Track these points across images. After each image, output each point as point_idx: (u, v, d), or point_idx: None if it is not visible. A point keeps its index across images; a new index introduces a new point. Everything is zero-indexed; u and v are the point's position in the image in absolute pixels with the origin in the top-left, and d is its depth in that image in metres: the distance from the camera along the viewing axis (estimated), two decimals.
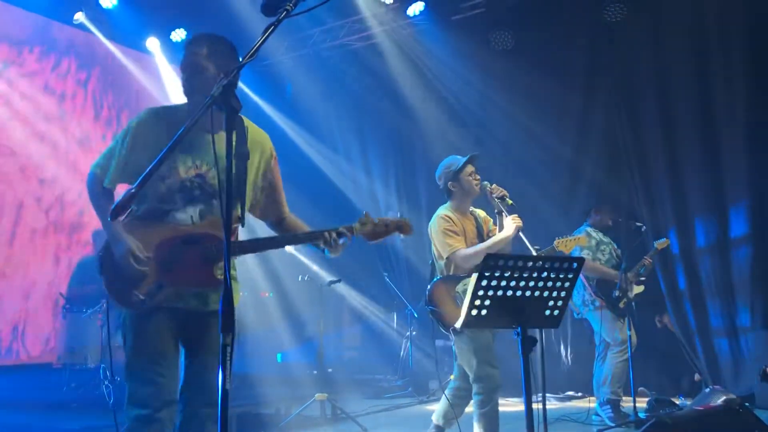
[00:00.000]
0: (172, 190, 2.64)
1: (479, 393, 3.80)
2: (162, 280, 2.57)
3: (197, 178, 2.67)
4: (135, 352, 2.61)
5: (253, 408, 5.92)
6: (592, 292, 5.77)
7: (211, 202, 2.67)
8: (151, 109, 2.79)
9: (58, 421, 5.02)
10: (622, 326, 5.65)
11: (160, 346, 2.60)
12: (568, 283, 2.61)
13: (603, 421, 5.59)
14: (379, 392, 7.87)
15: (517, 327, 2.62)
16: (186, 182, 2.65)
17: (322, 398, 5.87)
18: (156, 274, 2.58)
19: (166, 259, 2.59)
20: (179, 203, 2.64)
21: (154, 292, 2.57)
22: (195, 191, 2.66)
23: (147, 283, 2.57)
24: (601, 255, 5.87)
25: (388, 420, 6.31)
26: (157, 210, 2.64)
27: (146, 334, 2.60)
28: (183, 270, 2.58)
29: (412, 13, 8.32)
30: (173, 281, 2.58)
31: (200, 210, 2.66)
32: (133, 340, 2.62)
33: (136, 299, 2.56)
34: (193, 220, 2.64)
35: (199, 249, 2.58)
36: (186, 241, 2.60)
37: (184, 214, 2.64)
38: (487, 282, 2.49)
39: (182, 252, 2.59)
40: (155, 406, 2.54)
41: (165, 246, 2.60)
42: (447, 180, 4.15)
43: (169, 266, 2.58)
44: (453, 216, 4.03)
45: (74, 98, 7.98)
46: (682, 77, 7.00)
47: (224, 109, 1.96)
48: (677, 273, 6.97)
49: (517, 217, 3.89)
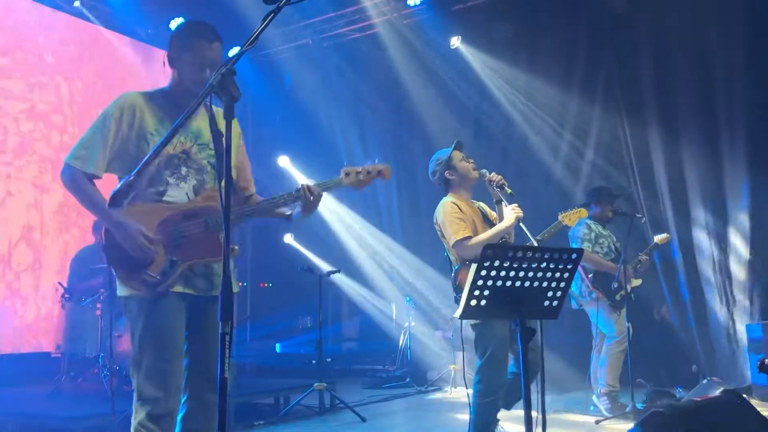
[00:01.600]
0: (159, 168, 2.64)
1: (479, 383, 3.80)
2: (173, 257, 2.58)
3: (182, 153, 2.69)
4: (145, 340, 2.58)
5: (252, 398, 5.94)
6: (589, 284, 5.77)
7: (202, 177, 2.70)
8: (128, 93, 2.75)
9: (56, 410, 5.03)
10: (618, 318, 5.65)
11: (170, 334, 2.59)
12: (567, 273, 2.60)
13: (600, 412, 5.61)
14: (377, 382, 7.89)
15: (516, 318, 2.62)
16: (174, 158, 2.66)
17: (320, 388, 5.88)
18: (165, 252, 2.58)
19: (171, 236, 2.60)
20: (171, 181, 2.65)
21: (168, 270, 2.57)
22: (182, 167, 2.68)
23: (159, 263, 2.57)
24: (600, 248, 5.87)
25: (386, 410, 6.33)
26: (150, 194, 2.64)
27: (157, 321, 2.58)
28: (191, 243, 2.60)
29: (412, 2, 8.30)
30: (184, 255, 2.59)
31: (194, 186, 2.68)
32: (143, 328, 2.58)
33: (152, 280, 2.55)
34: (188, 197, 2.67)
35: (201, 221, 2.61)
36: (186, 216, 2.62)
37: (179, 192, 2.66)
38: (486, 272, 2.48)
39: (186, 227, 2.61)
40: (166, 399, 2.53)
41: (167, 224, 2.60)
42: (442, 171, 4.11)
43: (177, 242, 2.59)
44: (458, 203, 4.00)
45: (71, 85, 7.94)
46: (683, 67, 6.99)
47: (223, 98, 1.95)
48: (676, 265, 6.99)
49: (517, 207, 3.85)
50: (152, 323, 2.58)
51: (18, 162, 7.27)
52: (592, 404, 5.78)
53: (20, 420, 4.86)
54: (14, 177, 7.19)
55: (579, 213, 4.39)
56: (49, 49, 7.71)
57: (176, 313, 2.61)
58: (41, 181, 7.40)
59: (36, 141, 7.44)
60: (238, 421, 5.28)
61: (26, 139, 7.36)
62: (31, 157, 7.36)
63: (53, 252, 7.44)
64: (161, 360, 2.56)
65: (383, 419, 5.80)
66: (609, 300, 5.67)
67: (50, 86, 7.68)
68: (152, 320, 2.58)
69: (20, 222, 7.20)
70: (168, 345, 2.58)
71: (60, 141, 7.64)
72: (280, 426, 5.45)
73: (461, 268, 3.88)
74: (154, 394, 2.53)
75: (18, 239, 7.15)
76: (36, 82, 7.54)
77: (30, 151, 7.37)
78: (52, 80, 7.71)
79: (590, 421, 5.37)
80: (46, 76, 7.64)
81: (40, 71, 7.58)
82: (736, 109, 6.63)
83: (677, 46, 7.04)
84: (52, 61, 7.73)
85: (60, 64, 7.81)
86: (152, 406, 2.52)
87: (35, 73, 7.54)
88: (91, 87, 8.07)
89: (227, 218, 1.91)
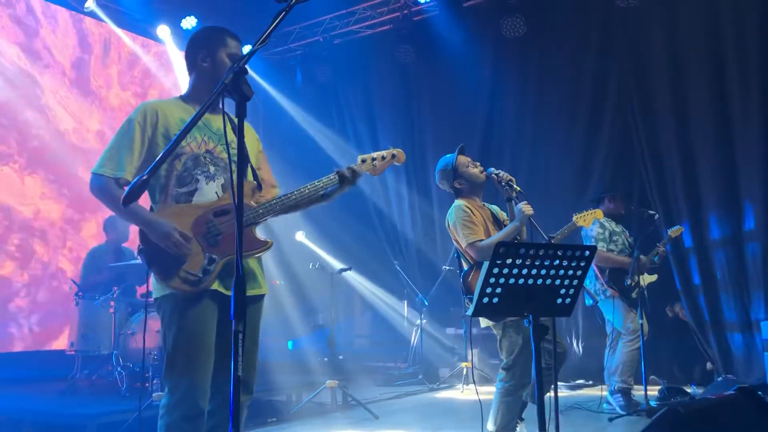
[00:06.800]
0: (188, 167, 2.68)
1: (507, 381, 3.80)
2: (211, 254, 2.60)
3: (207, 153, 2.73)
4: (180, 340, 2.58)
5: (264, 395, 5.95)
6: (604, 282, 5.74)
7: (228, 176, 2.72)
8: (149, 102, 2.83)
9: (70, 407, 5.07)
10: (633, 316, 5.62)
11: (203, 334, 2.59)
12: (580, 271, 2.59)
13: (614, 409, 5.59)
14: (389, 379, 7.89)
15: (529, 315, 2.61)
16: (201, 157, 2.71)
17: (333, 385, 5.89)
18: (203, 250, 2.60)
19: (206, 233, 2.62)
20: (200, 181, 2.68)
21: (208, 267, 2.59)
22: (210, 166, 2.72)
23: (197, 261, 2.58)
24: (614, 246, 5.84)
25: (398, 407, 6.33)
26: (181, 195, 2.67)
27: (192, 321, 2.58)
28: (227, 240, 2.62)
29: None
30: (222, 251, 2.61)
31: (222, 184, 2.73)
32: (178, 328, 2.58)
33: (193, 278, 2.57)
34: (218, 195, 2.71)
35: (232, 217, 2.59)
36: (217, 213, 2.65)
37: (208, 190, 2.70)
38: (498, 270, 2.47)
39: (219, 223, 2.63)
40: (199, 399, 2.54)
41: (200, 223, 2.63)
42: (451, 180, 4.09)
43: (213, 239, 2.62)
44: (470, 207, 3.99)
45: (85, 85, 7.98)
46: (696, 64, 6.93)
47: (235, 96, 1.95)
48: (690, 263, 6.93)
49: (527, 205, 3.83)
50: (187, 323, 2.58)
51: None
52: (606, 401, 5.75)
53: (35, 417, 4.91)
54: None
55: (594, 214, 4.36)
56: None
57: (209, 313, 2.62)
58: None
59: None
60: (250, 418, 5.28)
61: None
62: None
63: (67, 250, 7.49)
64: (195, 360, 2.56)
65: (396, 416, 5.80)
66: (624, 298, 5.65)
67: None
68: (187, 320, 2.59)
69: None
70: (202, 345, 2.59)
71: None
72: (293, 423, 5.46)
73: (471, 271, 3.88)
74: (187, 395, 2.53)
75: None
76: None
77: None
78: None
79: (604, 418, 5.35)
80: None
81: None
82: (750, 104, 6.55)
83: (690, 40, 6.97)
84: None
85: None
86: (187, 406, 2.53)
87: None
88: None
89: (240, 218, 1.91)
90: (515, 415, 3.88)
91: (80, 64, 7.92)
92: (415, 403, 6.63)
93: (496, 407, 3.84)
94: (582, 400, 6.08)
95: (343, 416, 5.77)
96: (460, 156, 4.10)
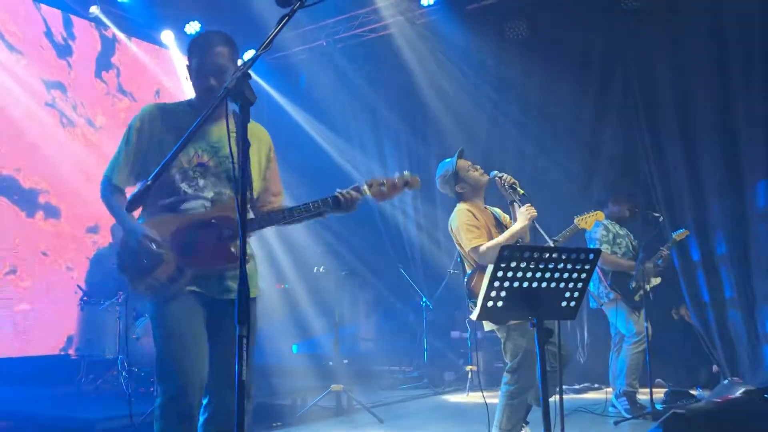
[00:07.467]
0: (176, 181, 2.68)
1: (512, 384, 3.80)
2: (182, 264, 2.61)
3: (199, 167, 2.71)
4: (161, 339, 2.63)
5: (269, 399, 5.95)
6: (607, 285, 5.73)
7: (219, 190, 2.71)
8: (150, 105, 2.83)
9: (76, 412, 5.08)
10: (637, 318, 5.61)
11: (185, 333, 2.61)
12: (585, 274, 2.59)
13: (619, 412, 5.57)
14: (394, 383, 7.89)
15: (534, 318, 2.61)
16: (189, 171, 2.69)
17: (337, 389, 5.89)
18: (176, 259, 2.62)
19: (183, 244, 2.63)
20: (189, 193, 2.68)
21: (176, 276, 2.61)
22: (199, 180, 2.70)
23: (168, 268, 2.60)
24: (618, 249, 5.83)
25: (403, 411, 6.32)
26: (168, 206, 2.69)
27: (171, 320, 2.62)
28: (202, 251, 2.63)
29: (426, 2, 8.28)
30: (193, 263, 2.62)
31: (211, 198, 2.70)
32: (158, 326, 2.64)
33: (159, 284, 2.60)
34: (205, 207, 2.70)
35: (215, 230, 2.63)
36: (200, 225, 2.65)
37: (195, 203, 2.69)
38: (503, 273, 2.47)
39: (198, 235, 2.64)
40: (184, 396, 2.55)
41: (181, 233, 2.65)
42: (452, 185, 4.08)
43: (188, 250, 2.63)
44: (473, 210, 3.99)
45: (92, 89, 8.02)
46: (700, 65, 6.91)
47: (239, 101, 1.95)
48: (695, 264, 6.91)
49: (531, 207, 3.82)
50: (166, 322, 2.62)
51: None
52: (611, 405, 5.74)
53: (39, 421, 4.93)
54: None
55: (595, 216, 4.36)
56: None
57: (191, 312, 2.64)
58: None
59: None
60: (255, 422, 5.29)
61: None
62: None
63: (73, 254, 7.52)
64: (177, 358, 2.59)
65: (401, 420, 5.79)
66: (628, 301, 5.63)
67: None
68: (166, 319, 2.62)
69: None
70: (184, 343, 2.61)
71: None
72: (298, 427, 5.45)
73: (474, 274, 3.88)
74: (171, 393, 2.57)
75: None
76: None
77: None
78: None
79: (609, 421, 5.33)
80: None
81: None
82: (754, 107, 6.53)
83: (695, 43, 6.95)
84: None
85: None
86: (178, 405, 2.55)
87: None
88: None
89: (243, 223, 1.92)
90: (520, 419, 3.89)
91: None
92: (421, 407, 6.62)
93: (501, 411, 3.85)
94: (587, 404, 6.07)
95: (348, 420, 5.77)
96: (460, 160, 4.09)
